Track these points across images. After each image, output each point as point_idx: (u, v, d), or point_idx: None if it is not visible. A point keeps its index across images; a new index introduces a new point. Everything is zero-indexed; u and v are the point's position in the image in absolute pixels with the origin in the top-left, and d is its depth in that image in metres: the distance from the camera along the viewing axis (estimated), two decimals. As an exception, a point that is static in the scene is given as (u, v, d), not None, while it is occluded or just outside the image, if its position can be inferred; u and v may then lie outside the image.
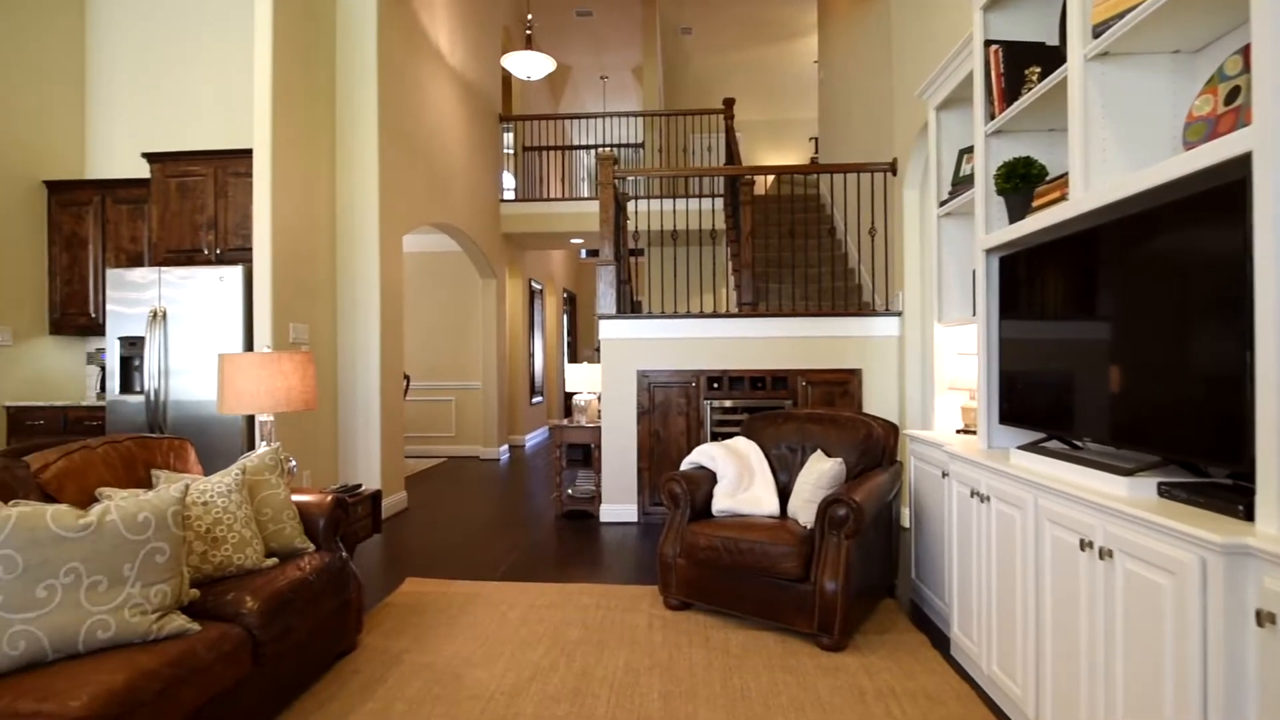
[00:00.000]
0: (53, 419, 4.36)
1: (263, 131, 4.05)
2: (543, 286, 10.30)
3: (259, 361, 2.81)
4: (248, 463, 2.49)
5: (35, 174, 4.63)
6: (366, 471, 4.78)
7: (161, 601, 1.79)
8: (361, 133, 4.79)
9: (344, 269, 4.80)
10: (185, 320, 4.09)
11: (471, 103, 7.00)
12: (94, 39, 5.00)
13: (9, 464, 1.95)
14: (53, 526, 1.67)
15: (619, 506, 4.73)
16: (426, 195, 5.74)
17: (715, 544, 2.83)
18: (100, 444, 2.31)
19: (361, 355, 4.79)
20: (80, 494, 2.13)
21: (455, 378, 8.07)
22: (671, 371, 4.67)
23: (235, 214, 4.36)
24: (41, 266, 4.67)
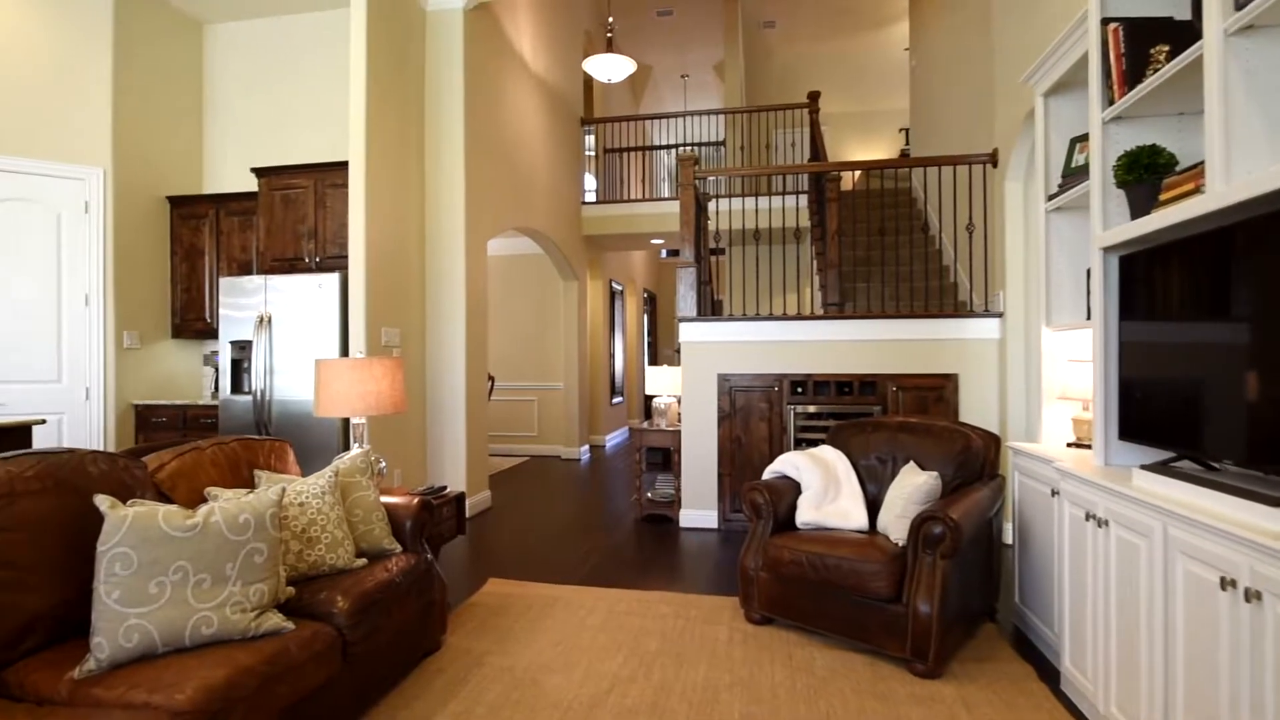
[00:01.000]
0: (174, 416, 4.73)
1: (357, 145, 4.24)
2: (623, 287, 10.35)
3: (351, 366, 2.93)
4: (340, 465, 2.59)
5: (160, 190, 5.04)
6: (453, 471, 4.93)
7: (259, 600, 1.87)
8: (448, 143, 4.93)
9: (432, 274, 4.96)
10: (288, 325, 4.34)
11: (553, 107, 7.10)
12: (209, 69, 5.38)
13: (129, 464, 2.10)
14: (163, 526, 1.77)
15: (699, 512, 4.66)
16: (510, 201, 5.86)
17: (800, 559, 2.72)
18: (209, 445, 2.46)
19: (448, 357, 4.94)
20: (191, 493, 2.27)
21: (538, 378, 8.22)
22: (753, 375, 4.55)
23: (333, 223, 4.58)
24: (164, 275, 5.08)
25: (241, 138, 5.33)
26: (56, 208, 4.51)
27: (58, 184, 4.51)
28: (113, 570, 1.70)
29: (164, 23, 5.07)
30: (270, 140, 5.26)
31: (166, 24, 5.09)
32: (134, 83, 4.83)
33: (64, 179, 4.53)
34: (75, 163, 4.56)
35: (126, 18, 4.77)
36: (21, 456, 1.84)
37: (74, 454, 1.97)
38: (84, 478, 1.94)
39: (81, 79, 4.58)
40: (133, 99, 4.82)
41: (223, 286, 4.45)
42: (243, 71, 5.33)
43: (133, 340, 4.81)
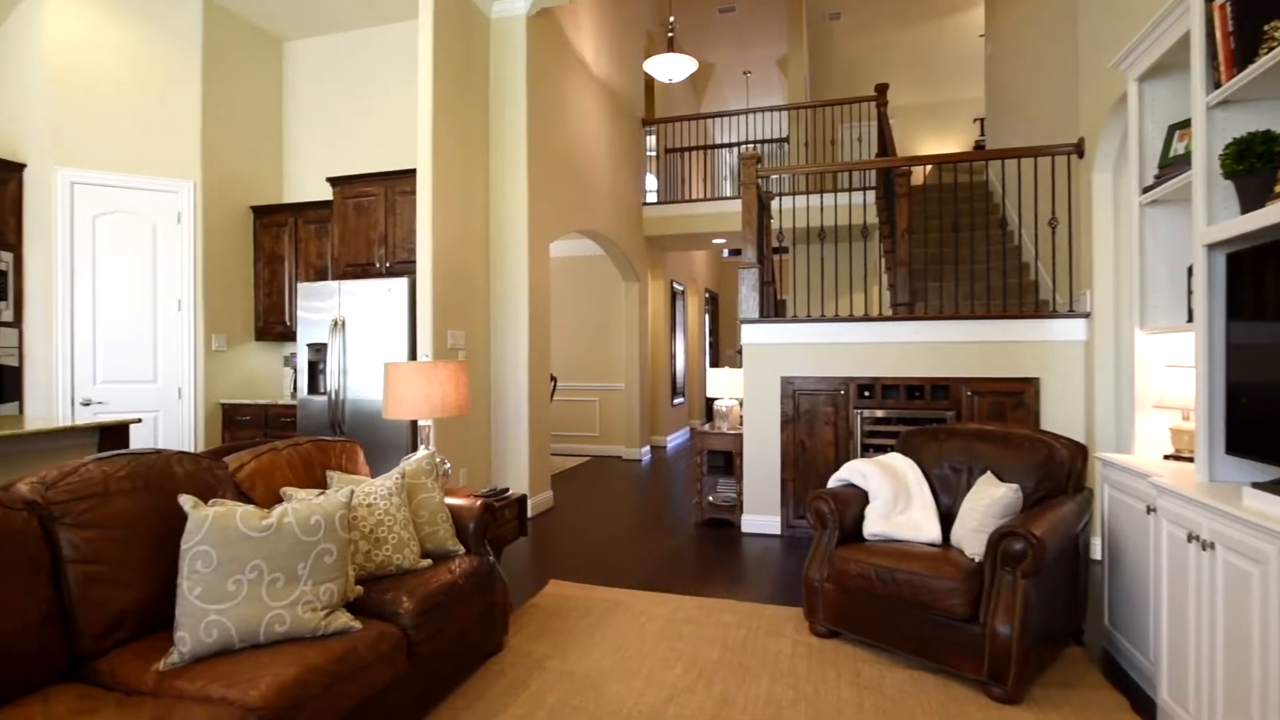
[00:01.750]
0: (256, 415, 4.97)
1: (424, 153, 4.35)
2: (684, 287, 10.29)
3: (417, 370, 2.99)
4: (407, 467, 2.65)
5: (244, 201, 5.31)
6: (516, 471, 5.00)
7: (329, 599, 1.92)
8: (511, 148, 5.00)
9: (496, 277, 5.05)
10: (360, 328, 4.49)
11: (614, 109, 7.11)
12: (288, 84, 5.64)
13: (212, 465, 2.21)
14: (240, 526, 1.85)
15: (761, 517, 4.57)
16: (572, 203, 5.90)
17: (867, 572, 2.61)
18: (285, 446, 2.56)
19: (511, 359, 5.01)
20: (268, 492, 2.36)
21: (599, 379, 8.27)
22: (818, 378, 4.43)
23: (402, 229, 4.72)
24: (248, 281, 5.35)
25: (318, 148, 5.56)
26: (153, 219, 4.81)
27: (154, 197, 4.81)
28: (194, 567, 1.78)
29: (247, 42, 5.34)
30: (344, 150, 5.47)
31: (250, 43, 5.36)
32: (220, 99, 5.11)
33: (159, 192, 4.83)
34: (169, 176, 4.86)
35: (214, 39, 5.04)
36: (115, 457, 1.96)
37: (161, 454, 2.07)
38: (171, 477, 2.04)
39: (175, 98, 4.87)
40: (219, 115, 5.09)
41: (300, 291, 4.65)
42: (318, 85, 5.57)
43: (220, 343, 5.09)
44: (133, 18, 4.75)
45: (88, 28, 4.61)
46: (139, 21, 4.77)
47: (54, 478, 1.81)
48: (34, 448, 3.07)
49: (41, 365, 4.52)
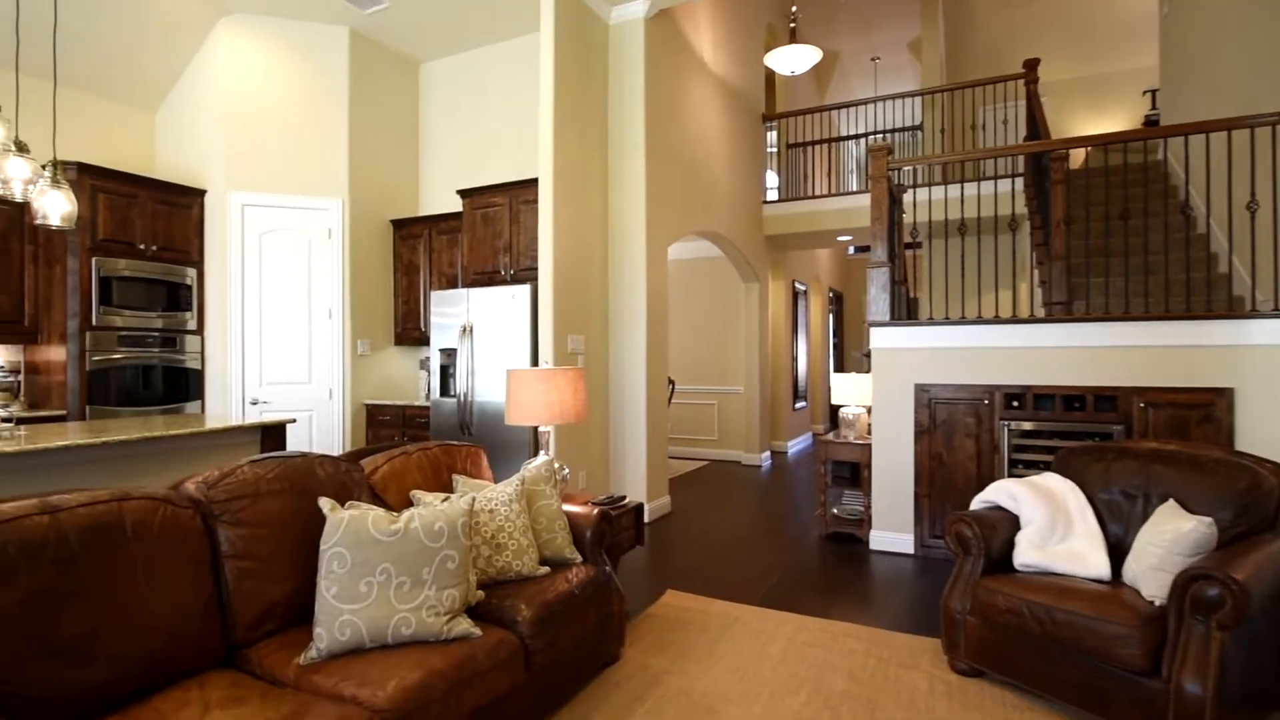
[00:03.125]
0: (395, 415, 5.31)
1: (545, 161, 4.44)
2: (807, 287, 9.93)
3: (537, 377, 3.04)
4: (526, 474, 2.69)
5: (385, 215, 5.69)
6: (633, 475, 5.00)
7: (451, 605, 1.97)
8: (630, 152, 5.01)
9: (614, 282, 5.07)
10: (487, 333, 4.67)
11: (734, 106, 6.96)
12: (423, 103, 5.99)
13: (350, 468, 2.33)
14: (371, 530, 1.93)
15: (892, 535, 4.27)
16: (690, 205, 5.83)
17: (1019, 608, 2.33)
18: (415, 451, 2.67)
19: (630, 363, 5.02)
20: (399, 494, 2.47)
21: (717, 382, 8.14)
22: (957, 386, 4.07)
23: (525, 237, 4.85)
24: (389, 290, 5.73)
25: (450, 162, 5.86)
26: (308, 235, 5.27)
27: (309, 215, 5.27)
28: (331, 568, 1.87)
29: (388, 66, 5.72)
30: (474, 162, 5.73)
31: (390, 67, 5.74)
32: (364, 122, 5.50)
33: (313, 210, 5.28)
34: (321, 195, 5.30)
35: (359, 66, 5.44)
36: (266, 460, 2.11)
37: (306, 458, 2.22)
38: (313, 479, 2.17)
39: (326, 124, 5.31)
40: (364, 136, 5.49)
41: (433, 299, 4.91)
42: (449, 102, 5.86)
43: (364, 347, 5.48)
44: (289, 54, 5.21)
45: (253, 66, 5.12)
46: (295, 56, 5.23)
47: (215, 478, 1.97)
48: (209, 444, 3.42)
49: (218, 368, 5.08)
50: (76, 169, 4.39)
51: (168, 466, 3.22)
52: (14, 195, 2.74)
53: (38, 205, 2.77)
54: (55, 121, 3.03)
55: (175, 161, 5.32)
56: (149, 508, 1.76)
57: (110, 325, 4.56)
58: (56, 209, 2.81)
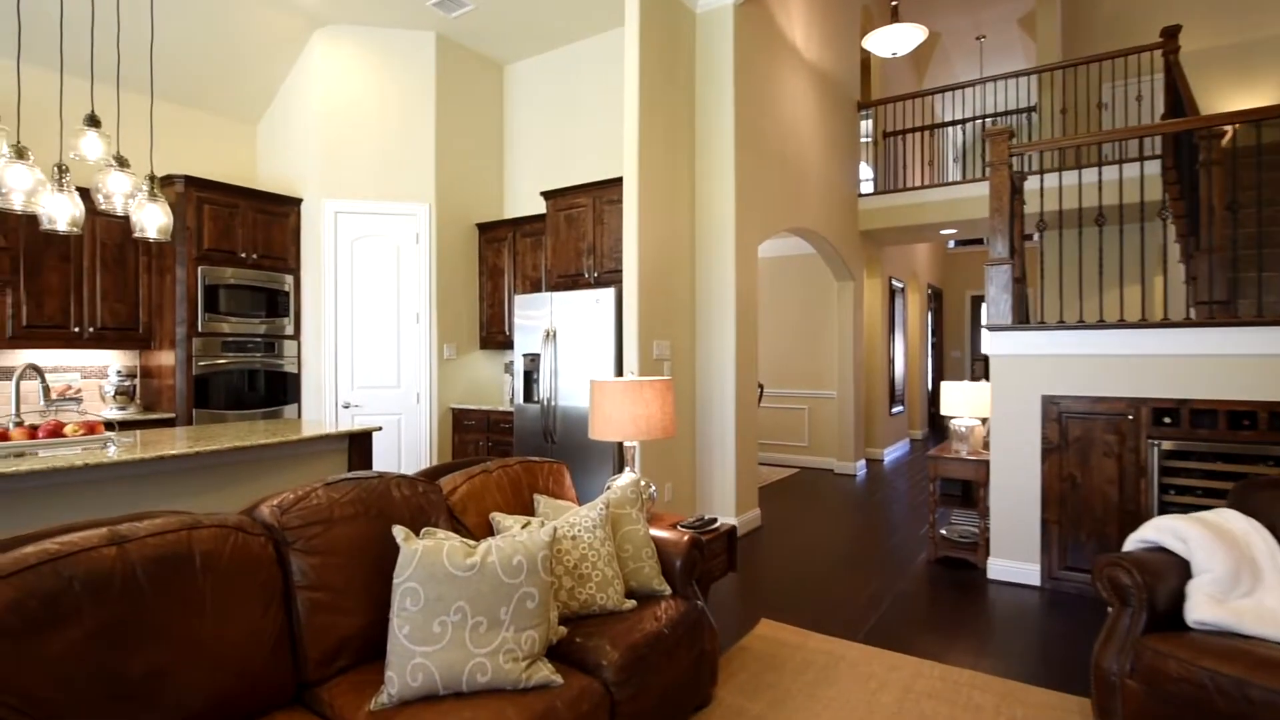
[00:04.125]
0: (480, 420, 5.28)
1: (630, 158, 4.25)
2: (904, 284, 9.33)
3: (623, 390, 2.84)
4: (611, 496, 2.50)
5: (470, 218, 5.68)
6: (722, 487, 4.74)
7: (530, 648, 1.79)
8: (718, 146, 4.75)
9: (701, 283, 4.83)
10: (570, 338, 4.53)
11: (827, 95, 6.56)
12: (508, 106, 5.95)
13: (427, 489, 2.21)
14: (446, 564, 1.78)
15: (1013, 564, 3.82)
16: (781, 201, 5.50)
17: (1199, 678, 1.93)
18: (496, 468, 2.53)
19: (718, 369, 4.76)
20: (478, 515, 2.34)
21: (808, 385, 7.74)
22: (1094, 399, 3.58)
23: (609, 239, 4.68)
24: (474, 293, 5.71)
25: (533, 163, 5.78)
26: (396, 241, 5.31)
27: (397, 220, 5.31)
28: (404, 604, 1.74)
29: (473, 70, 5.70)
30: (557, 163, 5.62)
31: (475, 70, 5.71)
32: (450, 126, 5.50)
33: (401, 215, 5.31)
34: (409, 201, 5.33)
35: (445, 71, 5.44)
36: (341, 482, 2.01)
37: (383, 479, 2.11)
38: (389, 503, 2.06)
39: (413, 129, 5.33)
40: (450, 140, 5.49)
41: (517, 303, 4.82)
42: (533, 103, 5.78)
43: (450, 351, 5.48)
44: (379, 62, 5.26)
45: (345, 76, 5.20)
46: (384, 64, 5.27)
47: (289, 502, 1.88)
48: (297, 452, 3.43)
49: (313, 372, 5.19)
50: (184, 181, 4.57)
51: (258, 474, 3.24)
52: (116, 209, 2.79)
53: (136, 218, 2.82)
54: (153, 136, 3.09)
55: (274, 171, 5.49)
56: (219, 536, 1.67)
57: (214, 331, 4.73)
58: (154, 222, 2.85)
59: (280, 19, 4.94)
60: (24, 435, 2.66)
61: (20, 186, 2.46)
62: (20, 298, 4.15)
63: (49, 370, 4.52)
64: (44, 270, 4.24)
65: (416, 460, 5.31)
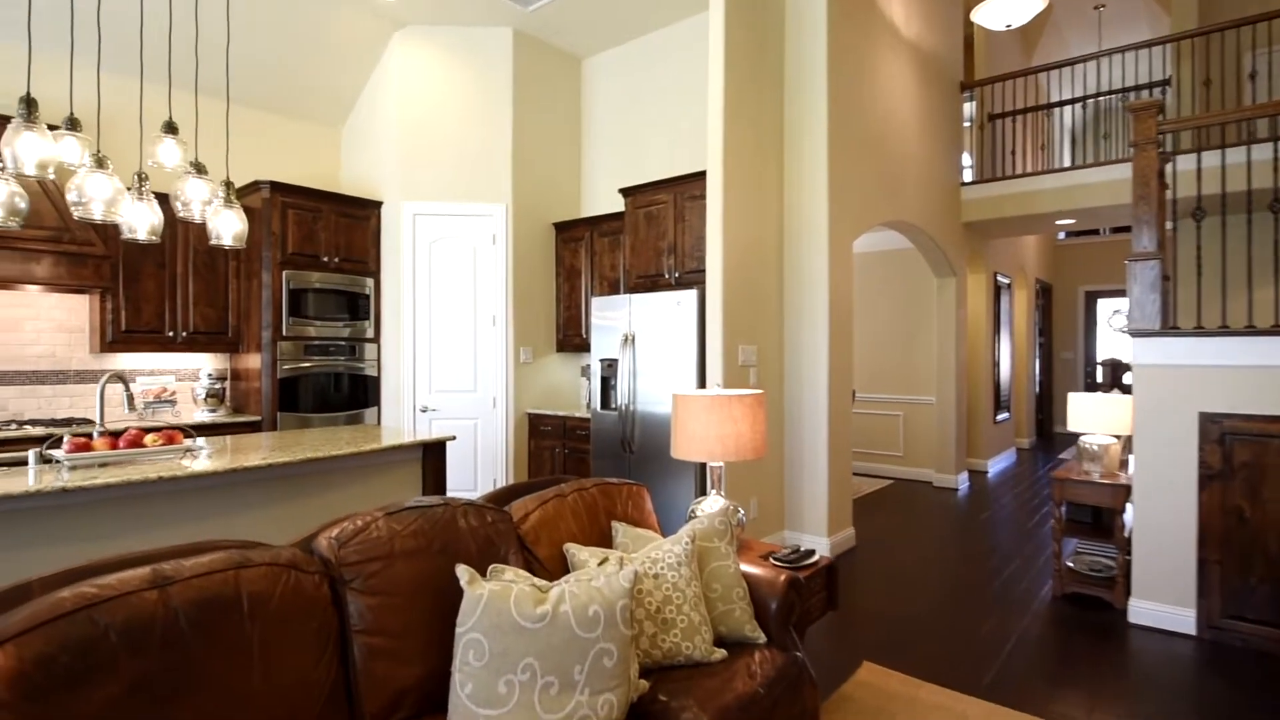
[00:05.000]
0: (556, 426, 5.12)
1: (714, 151, 3.96)
2: (1011, 280, 8.58)
3: (708, 406, 2.57)
4: (697, 527, 2.23)
5: (547, 218, 5.53)
6: (812, 503, 4.39)
7: (608, 715, 1.55)
8: (810, 136, 4.38)
9: (791, 283, 4.48)
10: (649, 342, 4.29)
11: (928, 76, 6.03)
12: (585, 101, 5.76)
13: (496, 518, 2.01)
14: (514, 613, 1.56)
15: (1161, 607, 3.29)
16: (878, 193, 5.06)
17: None
18: (570, 491, 2.31)
19: (809, 376, 4.41)
20: (551, 545, 2.12)
21: (903, 390, 7.21)
22: (1268, 418, 3.02)
23: (691, 237, 4.41)
24: (551, 295, 5.56)
25: (612, 160, 5.58)
26: (473, 242, 5.22)
27: (474, 221, 5.22)
28: (466, 659, 1.53)
29: (551, 65, 5.54)
30: (637, 159, 5.39)
31: (552, 65, 5.56)
32: (527, 124, 5.36)
33: (478, 216, 5.22)
34: (486, 201, 5.23)
35: (522, 66, 5.30)
36: (403, 511, 1.83)
37: (448, 507, 1.92)
38: (454, 534, 1.87)
39: (490, 128, 5.22)
40: (526, 138, 5.35)
41: (594, 305, 4.62)
42: (611, 97, 5.57)
43: (527, 355, 5.36)
44: (457, 61, 5.18)
45: (423, 77, 5.14)
46: (462, 64, 5.19)
47: (348, 534, 1.72)
48: (371, 462, 3.34)
49: (392, 375, 5.18)
50: (269, 187, 4.62)
51: (331, 485, 3.17)
52: (194, 216, 2.75)
53: (212, 225, 2.77)
54: (229, 142, 3.06)
55: (356, 174, 5.52)
56: (270, 576, 1.52)
57: (298, 335, 4.77)
58: (229, 228, 2.80)
59: (361, 22, 4.93)
60: (106, 445, 2.66)
61: (100, 196, 2.43)
62: (120, 304, 4.29)
63: (145, 374, 4.68)
64: (141, 277, 4.37)
65: (493, 467, 5.22)
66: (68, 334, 4.35)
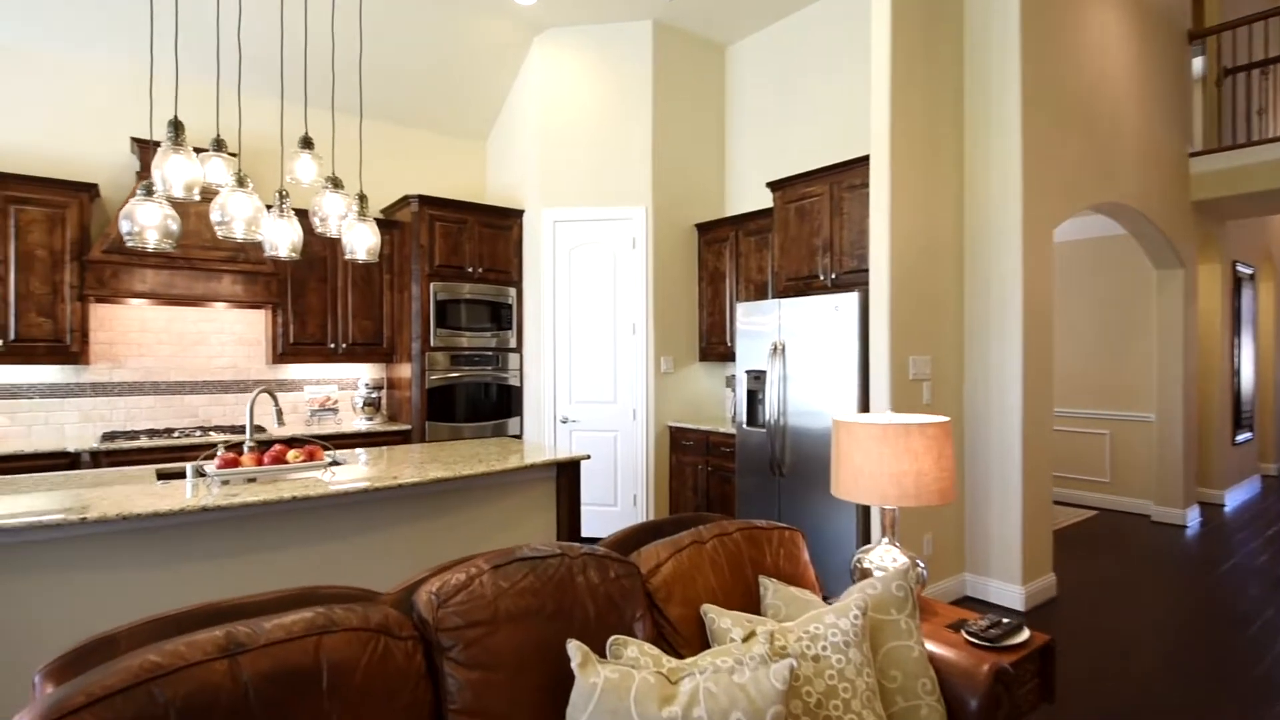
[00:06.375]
0: (699, 441, 4.78)
1: (879, 130, 3.42)
2: (1254, 270, 7.01)
3: (880, 436, 2.09)
4: (869, 592, 1.78)
5: (689, 219, 5.21)
6: (1001, 545, 3.69)
7: None
8: (998, 108, 3.69)
9: (973, 282, 3.81)
10: (802, 352, 3.82)
11: (1145, 25, 4.98)
12: (730, 92, 5.38)
13: (620, 573, 1.70)
14: (634, 711, 1.23)
15: None
16: (1083, 172, 4.20)
17: None
18: (710, 538, 1.95)
19: (996, 390, 3.71)
20: (685, 605, 1.78)
21: (1111, 405, 6.07)
22: None
23: (850, 232, 3.88)
24: (693, 301, 5.24)
25: (758, 153, 5.15)
26: (612, 247, 5.02)
27: (612, 226, 5.02)
28: (575, 768, 1.23)
29: (693, 55, 5.22)
30: (787, 149, 4.92)
31: (695, 56, 5.23)
32: (667, 119, 5.07)
33: (617, 220, 5.01)
34: (624, 204, 5.01)
35: (662, 59, 5.03)
36: (512, 564, 1.57)
37: (564, 559, 1.63)
38: (571, 594, 1.58)
39: (628, 127, 5.00)
40: (667, 135, 5.07)
41: (739, 311, 4.23)
42: (757, 85, 5.14)
43: (668, 365, 5.07)
44: (596, 61, 5.01)
45: (562, 80, 5.03)
46: (601, 63, 5.01)
47: (449, 590, 1.48)
48: (507, 480, 3.20)
49: (533, 385, 5.11)
50: (418, 201, 4.71)
51: (464, 503, 3.05)
52: (330, 231, 2.73)
53: (346, 240, 2.73)
54: (362, 156, 3.03)
55: (500, 184, 5.54)
56: (356, 643, 1.30)
57: (445, 345, 4.83)
58: (362, 243, 2.75)
59: (501, 32, 4.90)
60: (253, 460, 2.69)
61: (241, 215, 2.44)
62: (288, 317, 4.55)
63: (312, 383, 4.95)
64: (306, 292, 4.61)
65: (632, 482, 4.98)
66: (247, 346, 4.68)
